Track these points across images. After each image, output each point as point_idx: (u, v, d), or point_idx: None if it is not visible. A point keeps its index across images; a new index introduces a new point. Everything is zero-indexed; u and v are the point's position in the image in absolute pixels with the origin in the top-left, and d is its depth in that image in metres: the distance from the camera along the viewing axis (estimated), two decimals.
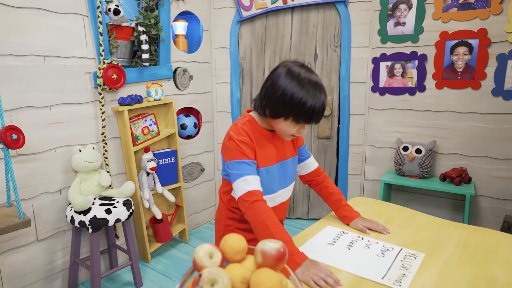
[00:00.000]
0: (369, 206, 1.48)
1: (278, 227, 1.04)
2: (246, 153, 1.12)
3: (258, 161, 1.17)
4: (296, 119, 1.10)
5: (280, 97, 1.08)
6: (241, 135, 1.15)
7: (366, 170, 2.86)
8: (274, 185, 1.24)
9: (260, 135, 1.20)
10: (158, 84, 2.35)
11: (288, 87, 1.07)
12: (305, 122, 1.11)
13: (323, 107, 1.09)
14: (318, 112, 1.09)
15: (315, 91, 1.07)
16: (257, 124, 1.20)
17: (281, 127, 1.14)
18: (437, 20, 2.41)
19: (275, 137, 1.23)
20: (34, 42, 1.84)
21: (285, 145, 1.27)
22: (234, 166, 1.13)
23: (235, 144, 1.13)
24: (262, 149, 1.19)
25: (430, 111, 2.54)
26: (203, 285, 0.63)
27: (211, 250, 0.77)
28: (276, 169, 1.24)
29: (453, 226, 1.29)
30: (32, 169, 1.90)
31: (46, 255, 2.03)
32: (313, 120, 1.10)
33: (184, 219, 2.71)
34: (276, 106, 1.10)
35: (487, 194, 2.43)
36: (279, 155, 1.24)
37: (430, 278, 0.96)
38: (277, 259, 0.76)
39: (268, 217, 1.05)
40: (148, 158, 2.30)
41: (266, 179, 1.20)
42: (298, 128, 1.13)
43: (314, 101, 1.07)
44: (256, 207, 1.06)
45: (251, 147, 1.15)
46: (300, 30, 2.80)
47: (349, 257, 1.07)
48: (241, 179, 1.10)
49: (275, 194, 1.25)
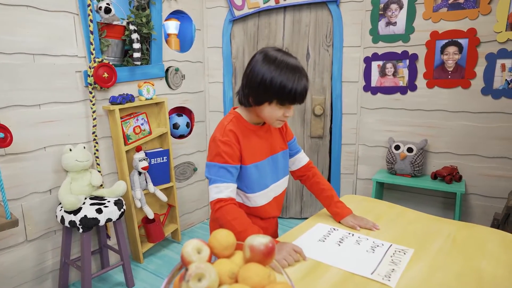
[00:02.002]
0: (360, 204, 1.48)
1: (243, 225, 1.08)
2: (225, 157, 1.13)
3: (246, 157, 1.17)
4: (279, 101, 1.11)
5: (260, 83, 1.10)
6: (225, 135, 1.15)
7: (358, 169, 2.88)
8: (266, 180, 1.24)
9: (248, 130, 1.20)
10: (150, 83, 2.34)
11: (266, 72, 1.09)
12: (289, 103, 1.12)
13: (304, 88, 1.11)
14: (300, 92, 1.10)
15: (294, 72, 1.09)
16: (244, 120, 1.21)
17: (267, 113, 1.15)
18: (428, 20, 2.44)
19: (264, 130, 1.24)
20: (23, 39, 1.82)
21: (274, 139, 1.27)
22: (211, 169, 1.15)
23: (216, 146, 1.14)
24: (250, 144, 1.19)
25: (421, 110, 2.56)
26: (189, 279, 0.63)
27: (199, 246, 0.76)
28: (267, 163, 1.24)
29: (442, 222, 1.30)
30: (21, 168, 1.88)
31: (36, 256, 2.00)
32: (296, 101, 1.12)
33: (177, 219, 2.70)
34: (258, 92, 1.12)
35: (477, 192, 2.45)
36: (269, 149, 1.25)
37: (419, 272, 0.96)
38: (265, 254, 0.76)
39: (234, 217, 1.08)
40: (140, 158, 2.29)
41: (257, 175, 1.20)
42: (284, 111, 1.14)
43: (294, 83, 1.09)
44: (223, 211, 1.09)
45: (235, 148, 1.15)
46: (292, 30, 2.81)
47: (339, 253, 1.07)
48: (213, 186, 1.13)
49: (268, 189, 1.25)
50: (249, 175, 1.19)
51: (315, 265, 1.01)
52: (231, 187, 1.13)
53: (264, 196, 1.24)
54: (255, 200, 1.23)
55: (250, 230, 1.07)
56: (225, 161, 1.13)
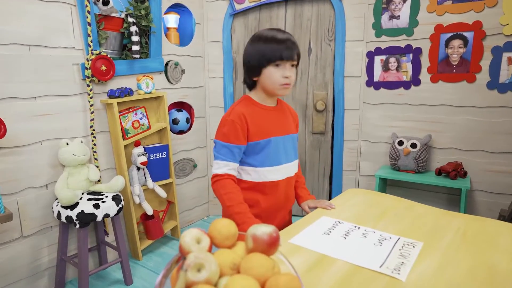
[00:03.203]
0: (364, 197, 1.44)
1: (232, 200, 1.17)
2: (229, 136, 1.21)
3: (256, 134, 1.23)
4: (271, 60, 1.17)
5: (252, 56, 1.21)
6: (232, 114, 1.23)
7: (361, 165, 2.83)
8: (279, 157, 1.28)
9: (259, 109, 1.26)
10: (149, 77, 2.29)
11: (255, 46, 1.21)
12: (279, 57, 1.17)
13: (289, 38, 1.19)
14: (286, 42, 1.17)
15: (278, 30, 1.21)
16: (254, 101, 1.28)
17: (268, 81, 1.21)
18: (432, 13, 2.39)
19: (276, 110, 1.31)
20: (18, 30, 1.78)
21: (288, 121, 1.34)
22: (216, 146, 1.25)
23: (222, 125, 1.23)
24: (262, 121, 1.25)
25: (425, 105, 2.52)
26: (188, 269, 0.58)
27: (199, 235, 0.72)
28: (282, 141, 1.29)
29: (451, 215, 1.26)
30: (16, 162, 1.83)
31: (32, 252, 1.96)
32: (286, 52, 1.17)
33: (176, 216, 2.65)
34: (253, 65, 1.21)
35: (483, 189, 2.41)
36: (283, 129, 1.30)
37: (430, 266, 0.92)
38: (269, 244, 0.71)
39: (226, 192, 1.18)
40: (139, 153, 2.24)
41: (269, 150, 1.25)
42: (282, 72, 1.19)
43: (279, 35, 1.19)
44: (218, 185, 1.21)
45: (240, 127, 1.21)
46: (293, 24, 2.76)
47: (345, 246, 1.02)
48: (215, 162, 1.24)
49: (281, 167, 1.29)
50: (261, 150, 1.24)
51: (320, 258, 0.96)
52: (230, 165, 1.21)
53: (277, 172, 1.28)
54: (264, 174, 1.26)
55: (237, 207, 1.15)
56: (228, 140, 1.21)
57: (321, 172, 2.96)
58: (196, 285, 0.58)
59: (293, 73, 1.23)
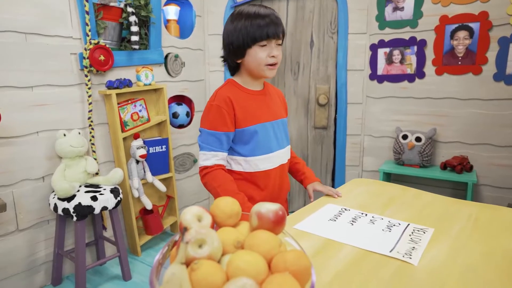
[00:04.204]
0: (370, 187, 1.39)
1: (229, 192, 1.09)
2: (215, 123, 1.13)
3: (243, 120, 1.16)
4: (257, 40, 1.10)
5: (235, 36, 1.11)
6: (217, 99, 1.15)
7: (364, 160, 2.78)
8: (270, 144, 1.21)
9: (244, 94, 1.19)
10: (149, 68, 2.25)
11: (237, 24, 1.12)
12: (264, 36, 1.10)
13: (274, 13, 1.13)
14: (270, 17, 1.10)
15: (259, 8, 1.13)
16: (239, 85, 1.20)
17: (253, 62, 1.13)
18: (437, 4, 2.35)
19: (262, 94, 1.23)
20: (14, 18, 1.73)
21: (276, 105, 1.27)
22: (201, 134, 1.17)
23: (207, 111, 1.16)
24: (248, 107, 1.18)
25: (430, 98, 2.47)
26: (189, 241, 0.54)
27: (200, 213, 0.67)
28: (271, 127, 1.22)
29: (461, 203, 1.21)
30: (12, 153, 1.79)
31: (28, 246, 1.91)
32: (271, 28, 1.10)
33: (176, 211, 2.60)
34: (237, 46, 1.12)
35: (489, 183, 2.35)
36: (270, 114, 1.23)
37: (442, 251, 0.87)
38: (275, 222, 0.67)
39: (219, 184, 1.12)
40: (138, 145, 2.20)
41: (258, 137, 1.18)
42: (268, 51, 1.12)
43: (261, 10, 1.11)
44: (208, 177, 1.14)
45: (228, 111, 1.14)
46: (296, 17, 2.72)
47: (353, 232, 0.97)
48: (201, 153, 1.16)
49: (272, 154, 1.22)
50: (250, 137, 1.16)
51: (327, 242, 0.91)
52: (218, 155, 1.15)
53: (269, 161, 1.21)
54: (255, 164, 1.19)
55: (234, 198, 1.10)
56: (214, 128, 1.13)
57: (324, 168, 2.91)
58: (197, 260, 0.54)
59: (279, 51, 1.15)
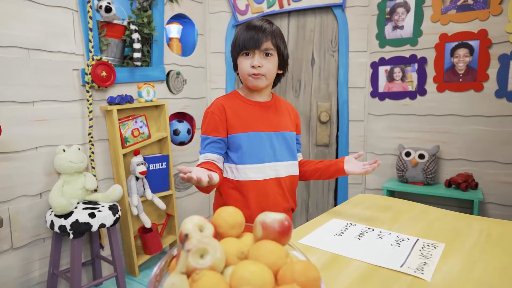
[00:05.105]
0: (375, 202, 1.35)
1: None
2: (208, 128, 1.17)
3: (234, 126, 1.17)
4: (239, 49, 1.14)
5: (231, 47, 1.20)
6: (212, 106, 1.20)
7: (367, 178, 2.74)
8: (262, 154, 1.18)
9: (242, 103, 1.21)
10: (150, 84, 2.25)
11: (234, 36, 1.19)
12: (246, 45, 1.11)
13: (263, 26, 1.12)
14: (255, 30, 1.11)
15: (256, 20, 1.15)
16: (240, 95, 1.23)
17: (240, 71, 1.18)
18: (436, 22, 2.38)
19: (265, 106, 1.23)
20: (18, 33, 1.74)
21: (280, 118, 1.25)
22: (201, 139, 1.21)
23: (204, 118, 1.21)
24: (242, 115, 1.19)
25: (432, 115, 2.46)
26: (190, 250, 0.50)
27: (202, 222, 0.64)
28: (266, 138, 1.20)
29: (470, 218, 1.18)
30: (10, 168, 1.76)
31: (22, 266, 1.85)
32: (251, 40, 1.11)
33: (176, 230, 2.54)
34: (232, 57, 1.20)
35: (495, 201, 2.31)
36: (269, 125, 1.21)
37: (456, 266, 0.83)
38: (280, 233, 0.63)
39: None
40: (138, 162, 2.17)
41: (248, 145, 1.17)
42: (250, 61, 1.13)
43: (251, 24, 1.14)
44: None
45: (221, 117, 1.17)
46: (297, 35, 2.75)
47: (360, 246, 0.93)
48: (200, 156, 1.18)
49: (264, 165, 1.19)
50: (240, 145, 1.16)
51: (334, 257, 0.87)
52: (208, 156, 1.16)
53: (258, 171, 1.17)
54: (245, 172, 1.16)
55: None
56: (209, 133, 1.17)
57: (326, 186, 2.87)
58: (199, 271, 0.50)
59: (268, 62, 1.13)
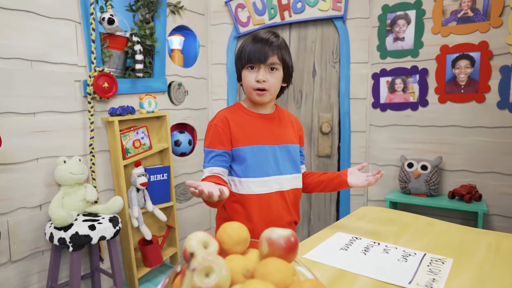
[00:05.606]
0: (380, 214, 1.34)
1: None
2: (212, 141, 1.15)
3: (238, 139, 1.15)
4: (244, 62, 1.13)
5: (235, 57, 1.20)
6: (215, 118, 1.18)
7: (369, 190, 2.72)
8: (267, 167, 1.16)
9: (245, 115, 1.20)
10: (152, 95, 2.25)
11: (239, 47, 1.18)
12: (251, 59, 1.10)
13: (270, 39, 1.11)
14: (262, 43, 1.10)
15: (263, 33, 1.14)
16: (243, 107, 1.22)
17: (244, 84, 1.17)
18: (437, 34, 2.39)
19: (269, 118, 1.22)
20: (21, 45, 1.75)
21: (284, 131, 1.24)
22: (204, 153, 1.19)
23: (207, 130, 1.19)
24: (246, 127, 1.17)
25: (434, 126, 2.45)
26: (195, 269, 0.49)
27: (206, 239, 0.62)
28: (270, 151, 1.18)
29: (477, 232, 1.15)
30: (10, 180, 1.74)
31: (20, 279, 1.82)
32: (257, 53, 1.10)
33: (176, 242, 2.51)
34: (236, 68, 1.21)
35: (499, 213, 2.28)
36: (273, 138, 1.19)
37: (465, 283, 0.81)
38: (287, 250, 0.62)
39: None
40: (139, 173, 2.15)
41: (253, 158, 1.15)
42: (255, 75, 1.12)
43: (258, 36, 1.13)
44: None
45: (224, 130, 1.15)
46: (298, 47, 2.77)
47: (366, 262, 0.92)
48: (205, 170, 1.16)
49: (268, 178, 1.16)
50: (244, 158, 1.14)
51: (340, 273, 0.85)
52: (213, 170, 1.14)
53: (262, 185, 1.15)
54: (248, 186, 1.14)
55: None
56: (213, 146, 1.15)
57: (328, 197, 2.85)
58: None
59: (273, 77, 1.12)
